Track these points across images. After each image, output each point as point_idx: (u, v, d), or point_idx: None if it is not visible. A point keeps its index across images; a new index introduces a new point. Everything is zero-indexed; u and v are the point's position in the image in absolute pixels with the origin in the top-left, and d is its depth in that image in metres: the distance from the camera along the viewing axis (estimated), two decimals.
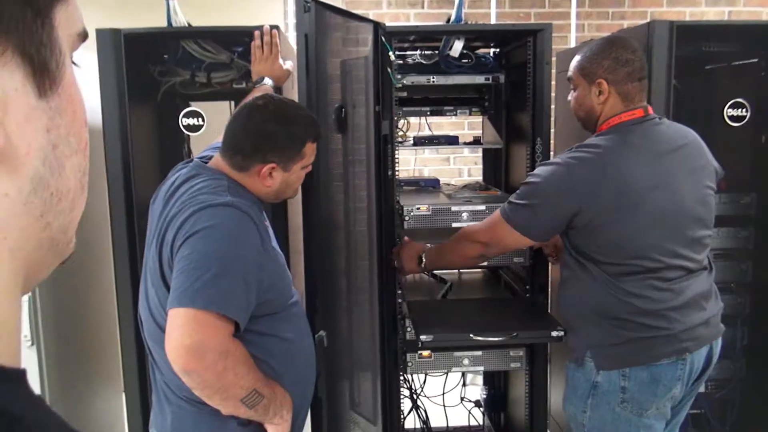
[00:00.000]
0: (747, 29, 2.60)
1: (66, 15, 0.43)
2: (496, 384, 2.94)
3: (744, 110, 2.46)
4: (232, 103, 2.43)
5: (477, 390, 3.06)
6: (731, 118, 2.46)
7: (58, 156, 0.43)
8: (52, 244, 0.44)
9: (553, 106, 2.39)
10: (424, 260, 2.12)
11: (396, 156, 2.33)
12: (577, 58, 1.91)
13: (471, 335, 1.99)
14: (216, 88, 2.30)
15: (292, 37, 3.59)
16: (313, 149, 1.63)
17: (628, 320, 1.76)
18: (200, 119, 2.26)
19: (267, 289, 1.47)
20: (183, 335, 1.33)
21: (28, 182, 0.41)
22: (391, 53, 2.15)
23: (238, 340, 1.40)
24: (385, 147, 2.27)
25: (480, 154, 3.43)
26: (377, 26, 2.10)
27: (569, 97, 1.96)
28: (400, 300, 2.34)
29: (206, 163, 1.61)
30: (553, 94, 2.34)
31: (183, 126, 2.26)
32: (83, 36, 0.46)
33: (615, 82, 1.82)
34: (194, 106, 2.30)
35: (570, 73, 1.93)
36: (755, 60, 2.54)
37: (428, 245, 2.17)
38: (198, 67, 2.25)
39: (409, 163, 3.65)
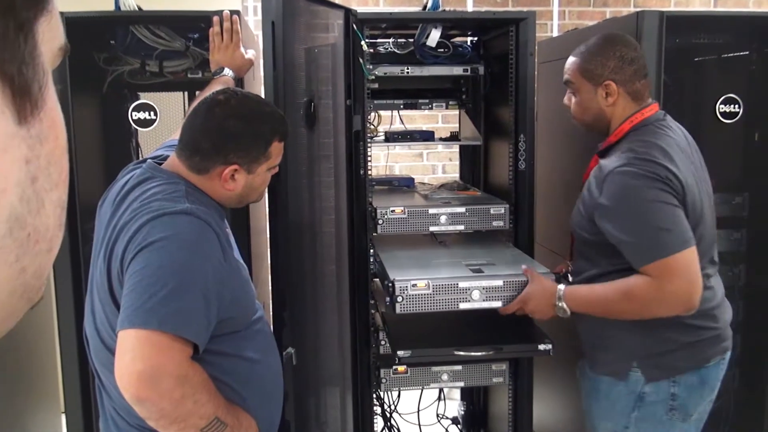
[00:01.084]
0: (738, 20, 2.63)
1: (49, 27, 0.38)
2: (474, 399, 2.92)
3: (736, 106, 2.48)
4: (187, 94, 2.36)
5: (454, 405, 3.03)
6: (723, 114, 2.48)
7: (38, 191, 0.38)
8: (25, 291, 0.40)
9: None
10: (565, 308, 1.82)
11: (369, 153, 2.28)
12: (574, 60, 1.88)
13: (454, 351, 1.95)
14: (169, 78, 2.22)
15: (252, 21, 3.50)
16: (280, 149, 1.57)
17: (680, 324, 1.76)
18: (152, 113, 2.17)
19: (229, 306, 1.41)
20: (135, 360, 1.26)
21: (3, 223, 0.36)
22: (363, 43, 2.10)
23: (197, 364, 1.34)
24: (357, 144, 2.22)
25: (455, 149, 3.41)
26: (348, 13, 2.05)
27: (565, 100, 1.93)
28: (372, 311, 2.30)
29: (160, 164, 1.54)
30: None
31: (132, 120, 2.18)
32: (65, 50, 0.41)
33: (623, 82, 1.81)
34: (145, 98, 2.22)
35: (568, 76, 1.90)
36: (746, 53, 2.56)
37: (560, 286, 1.85)
38: (149, 54, 2.17)
39: (379, 159, 3.60)
